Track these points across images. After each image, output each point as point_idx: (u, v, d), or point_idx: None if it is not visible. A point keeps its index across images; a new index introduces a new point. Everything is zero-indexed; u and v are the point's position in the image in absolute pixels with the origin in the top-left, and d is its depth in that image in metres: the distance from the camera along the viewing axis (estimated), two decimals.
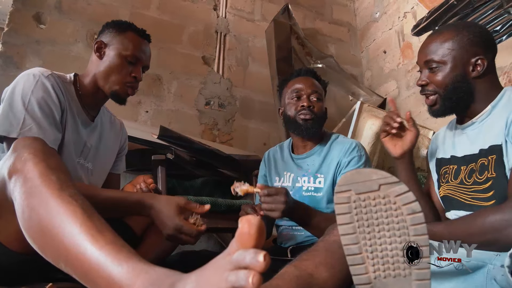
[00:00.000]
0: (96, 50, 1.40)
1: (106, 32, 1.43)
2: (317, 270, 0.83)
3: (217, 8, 3.40)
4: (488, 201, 1.17)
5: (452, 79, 1.26)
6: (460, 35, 1.27)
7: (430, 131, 2.72)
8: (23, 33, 2.61)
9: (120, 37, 1.41)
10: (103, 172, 1.52)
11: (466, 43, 1.25)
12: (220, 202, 2.07)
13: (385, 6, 3.55)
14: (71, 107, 1.32)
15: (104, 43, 1.40)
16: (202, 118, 3.06)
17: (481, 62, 1.24)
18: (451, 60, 1.26)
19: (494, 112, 1.24)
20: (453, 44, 1.27)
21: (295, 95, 1.67)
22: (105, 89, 1.39)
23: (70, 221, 0.73)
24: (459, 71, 1.26)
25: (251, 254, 0.48)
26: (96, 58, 1.40)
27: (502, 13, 2.30)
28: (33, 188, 0.81)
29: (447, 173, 1.36)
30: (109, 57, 1.38)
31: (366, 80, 3.74)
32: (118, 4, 2.97)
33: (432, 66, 1.30)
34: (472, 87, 1.26)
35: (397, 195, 0.70)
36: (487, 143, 1.20)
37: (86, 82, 1.40)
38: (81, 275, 0.70)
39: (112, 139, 1.56)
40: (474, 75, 1.25)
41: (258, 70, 3.39)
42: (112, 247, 0.68)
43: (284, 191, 1.33)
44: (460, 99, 1.27)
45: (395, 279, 0.71)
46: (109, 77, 1.38)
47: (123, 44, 1.39)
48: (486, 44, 1.27)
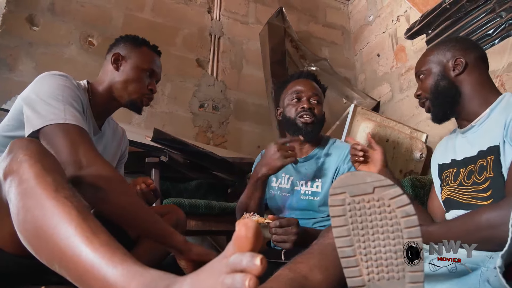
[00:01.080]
0: (113, 62, 1.46)
1: (122, 46, 1.50)
2: (311, 272, 0.83)
3: (211, 10, 3.40)
4: (486, 201, 1.20)
5: (435, 80, 1.40)
6: (439, 46, 1.45)
7: (423, 134, 2.73)
8: (16, 35, 2.59)
9: (137, 51, 1.49)
10: None
11: (444, 49, 1.42)
12: (214, 204, 2.07)
13: (379, 9, 3.57)
14: (85, 113, 1.33)
15: (121, 56, 1.46)
16: (196, 121, 3.06)
17: (460, 61, 1.37)
18: (433, 66, 1.42)
19: (492, 115, 1.29)
20: (433, 54, 1.45)
21: (296, 96, 1.68)
22: (123, 98, 1.45)
23: (65, 222, 0.72)
24: (440, 72, 1.40)
25: (248, 257, 0.48)
26: (112, 69, 1.46)
27: (495, 17, 2.32)
28: (29, 189, 0.80)
29: (448, 176, 1.41)
30: (127, 69, 1.45)
31: (359, 83, 3.76)
32: (112, 6, 2.97)
33: (420, 76, 1.47)
34: (456, 84, 1.37)
35: (391, 197, 0.70)
36: (485, 144, 1.25)
37: (100, 91, 1.45)
38: (75, 277, 0.69)
39: (114, 148, 1.59)
40: (456, 73, 1.37)
41: (252, 73, 3.39)
42: (107, 249, 0.67)
43: (296, 222, 1.35)
44: (447, 96, 1.38)
45: (388, 282, 0.71)
46: (128, 87, 1.45)
47: (141, 58, 1.48)
48: (465, 47, 1.40)
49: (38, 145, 0.93)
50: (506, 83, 2.24)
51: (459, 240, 0.99)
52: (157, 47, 1.57)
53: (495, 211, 1.02)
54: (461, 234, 1.03)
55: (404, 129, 2.71)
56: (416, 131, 2.74)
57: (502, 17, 2.27)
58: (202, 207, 2.02)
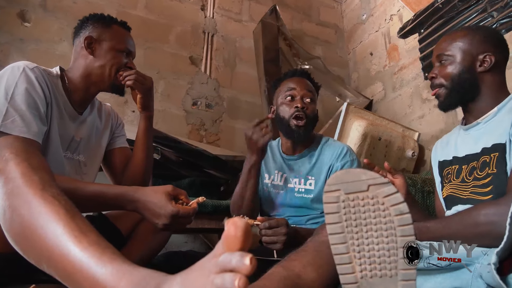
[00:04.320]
0: (87, 46, 1.39)
1: (92, 28, 1.43)
2: (304, 270, 0.83)
3: (204, 8, 3.39)
4: (486, 196, 1.19)
5: (459, 70, 1.32)
6: (472, 34, 1.35)
7: (416, 133, 2.75)
8: (7, 31, 2.57)
9: (109, 31, 1.43)
10: (95, 161, 1.51)
11: (477, 40, 1.33)
12: (207, 202, 2.06)
13: (372, 8, 3.58)
14: (58, 100, 1.30)
15: (94, 39, 1.40)
16: (189, 118, 3.05)
17: (489, 58, 1.30)
18: (460, 54, 1.33)
19: (499, 114, 1.27)
20: (464, 40, 1.34)
21: (289, 94, 1.67)
22: (104, 83, 1.41)
23: (53, 222, 0.71)
24: (467, 64, 1.32)
25: (237, 257, 0.48)
26: (87, 54, 1.40)
27: (486, 16, 2.34)
28: (15, 188, 0.79)
29: (450, 173, 1.39)
30: (103, 52, 1.40)
31: (352, 82, 3.77)
32: (105, 3, 2.95)
33: (442, 59, 1.37)
34: (478, 81, 1.31)
35: (386, 196, 0.70)
36: (490, 142, 1.23)
37: (76, 77, 1.40)
38: (64, 276, 0.68)
39: (103, 127, 1.55)
40: (481, 70, 1.30)
41: (245, 71, 3.39)
42: (96, 248, 0.66)
43: (285, 222, 1.35)
44: (466, 91, 1.33)
45: (381, 279, 0.71)
46: (107, 71, 1.40)
47: (115, 39, 1.43)
48: (497, 44, 1.33)
49: (24, 143, 0.92)
50: None
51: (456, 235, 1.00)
52: (126, 23, 1.52)
53: (494, 207, 1.02)
54: (459, 229, 1.04)
55: (397, 127, 2.73)
56: (408, 129, 2.76)
57: (494, 17, 2.29)
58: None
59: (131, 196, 1.12)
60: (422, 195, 1.90)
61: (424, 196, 1.89)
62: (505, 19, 2.22)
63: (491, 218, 1.01)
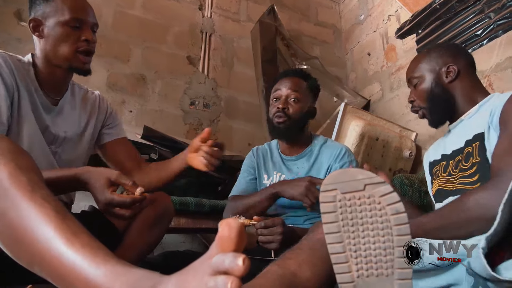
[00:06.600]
0: (34, 30, 1.28)
1: (35, 7, 1.30)
2: (300, 269, 0.83)
3: (202, 8, 3.39)
4: (473, 185, 1.23)
5: (429, 88, 1.44)
6: (430, 52, 1.49)
7: (413, 133, 2.76)
8: (3, 30, 2.56)
9: (50, 5, 1.27)
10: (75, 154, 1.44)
11: (435, 56, 1.46)
12: (204, 202, 2.07)
13: (370, 8, 3.58)
14: (30, 90, 1.24)
15: (38, 20, 1.28)
16: (187, 118, 3.05)
17: (452, 69, 1.42)
18: (426, 73, 1.46)
19: (481, 110, 1.34)
20: (425, 60, 1.48)
21: (274, 95, 1.70)
22: (62, 66, 1.30)
23: (43, 224, 0.69)
24: (434, 80, 1.44)
25: (230, 257, 0.48)
26: (37, 39, 1.30)
27: (483, 17, 2.34)
28: (3, 190, 0.76)
29: (438, 170, 1.46)
30: (50, 31, 1.27)
31: (350, 82, 3.77)
32: (102, 3, 2.93)
33: (413, 82, 1.50)
34: (450, 91, 1.42)
35: (382, 195, 0.70)
36: (471, 133, 1.30)
37: (40, 64, 1.32)
38: (57, 279, 0.67)
39: (87, 116, 1.48)
40: (449, 80, 1.42)
41: (243, 71, 3.39)
42: (88, 249, 0.65)
43: (281, 222, 1.34)
44: (444, 104, 1.43)
45: (377, 278, 0.71)
46: (59, 51, 1.28)
47: (57, 11, 1.27)
48: (455, 53, 1.45)
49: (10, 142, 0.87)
50: (493, 83, 2.26)
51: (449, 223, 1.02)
52: None
53: (482, 191, 1.04)
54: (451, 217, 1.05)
55: (394, 127, 2.73)
56: (405, 129, 2.77)
57: (491, 18, 2.30)
58: (192, 205, 2.02)
59: (83, 178, 1.10)
60: (419, 195, 1.90)
61: (421, 196, 1.90)
62: (502, 20, 2.22)
63: (480, 201, 1.02)
